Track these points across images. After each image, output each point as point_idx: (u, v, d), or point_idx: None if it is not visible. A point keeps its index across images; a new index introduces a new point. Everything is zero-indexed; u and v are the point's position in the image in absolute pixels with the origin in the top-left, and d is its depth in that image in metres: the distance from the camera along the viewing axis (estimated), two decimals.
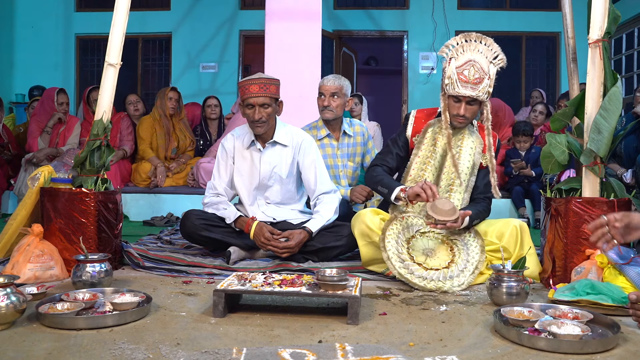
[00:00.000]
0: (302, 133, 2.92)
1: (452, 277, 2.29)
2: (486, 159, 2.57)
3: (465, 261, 2.35)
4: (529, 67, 7.97)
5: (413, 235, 2.44)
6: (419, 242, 2.43)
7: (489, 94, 2.42)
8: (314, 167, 2.85)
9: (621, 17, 2.33)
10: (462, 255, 2.38)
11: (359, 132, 3.38)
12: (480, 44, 2.41)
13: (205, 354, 1.48)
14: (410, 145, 2.63)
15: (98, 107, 2.59)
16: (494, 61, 2.41)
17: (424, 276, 2.28)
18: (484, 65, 2.38)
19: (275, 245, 2.62)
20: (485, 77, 2.37)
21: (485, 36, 2.43)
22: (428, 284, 2.26)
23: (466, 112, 2.43)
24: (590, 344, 1.54)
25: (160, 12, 7.80)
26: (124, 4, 2.57)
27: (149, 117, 5.10)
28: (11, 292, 1.68)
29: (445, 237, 2.45)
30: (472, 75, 2.36)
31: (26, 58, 7.77)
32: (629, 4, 6.66)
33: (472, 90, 2.36)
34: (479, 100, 2.42)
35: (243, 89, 2.67)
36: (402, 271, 2.29)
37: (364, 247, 2.49)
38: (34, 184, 2.54)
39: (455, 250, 2.40)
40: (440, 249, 2.42)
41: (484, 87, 2.37)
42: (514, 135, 4.93)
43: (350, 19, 7.81)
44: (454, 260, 2.36)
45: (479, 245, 2.40)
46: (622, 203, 2.20)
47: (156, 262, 2.64)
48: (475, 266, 2.34)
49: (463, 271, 2.32)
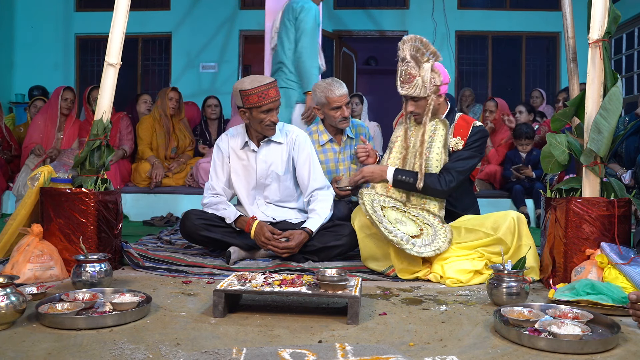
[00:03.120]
0: (295, 129, 2.92)
1: (414, 245, 2.37)
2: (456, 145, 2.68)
3: (430, 241, 2.44)
4: (529, 67, 7.97)
5: (387, 206, 2.56)
6: (392, 213, 2.54)
7: (426, 89, 2.57)
8: (309, 162, 2.86)
9: (621, 17, 2.32)
10: (429, 237, 2.47)
11: (362, 133, 3.37)
12: (414, 43, 2.57)
13: (205, 354, 1.48)
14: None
15: (98, 107, 2.58)
16: (425, 58, 2.55)
17: (390, 230, 2.38)
18: (415, 65, 2.56)
19: (276, 245, 2.63)
20: (417, 74, 2.55)
21: (416, 36, 2.59)
22: (392, 237, 2.35)
23: (414, 108, 2.64)
24: (591, 344, 1.54)
25: (160, 12, 7.80)
26: (124, 4, 2.57)
27: (149, 116, 5.10)
28: (11, 292, 1.68)
29: (418, 219, 2.55)
30: (405, 76, 2.58)
31: (26, 58, 7.77)
32: (629, 4, 6.66)
33: (406, 89, 2.59)
34: (422, 97, 2.59)
35: (259, 95, 2.63)
36: (373, 216, 2.39)
37: (363, 240, 2.54)
38: (33, 184, 2.54)
39: (425, 231, 2.50)
40: (410, 225, 2.51)
41: (416, 85, 2.56)
42: (515, 138, 4.94)
43: (350, 19, 7.81)
44: (420, 236, 2.45)
45: (448, 237, 2.47)
46: (622, 203, 2.19)
47: (156, 262, 2.64)
48: (437, 248, 2.41)
49: (426, 246, 2.40)
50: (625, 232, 2.21)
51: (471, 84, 7.78)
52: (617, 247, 2.11)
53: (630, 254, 2.06)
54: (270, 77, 2.75)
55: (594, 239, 2.18)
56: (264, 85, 2.65)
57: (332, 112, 3.12)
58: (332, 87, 3.09)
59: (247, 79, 2.70)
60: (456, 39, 7.83)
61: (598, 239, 2.17)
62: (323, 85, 3.14)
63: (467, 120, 2.72)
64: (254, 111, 2.68)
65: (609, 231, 2.17)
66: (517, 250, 2.39)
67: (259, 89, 2.64)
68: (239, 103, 2.71)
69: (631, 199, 2.24)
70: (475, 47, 8.00)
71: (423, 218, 2.56)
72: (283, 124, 2.90)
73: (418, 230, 2.49)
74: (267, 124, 2.70)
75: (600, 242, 2.15)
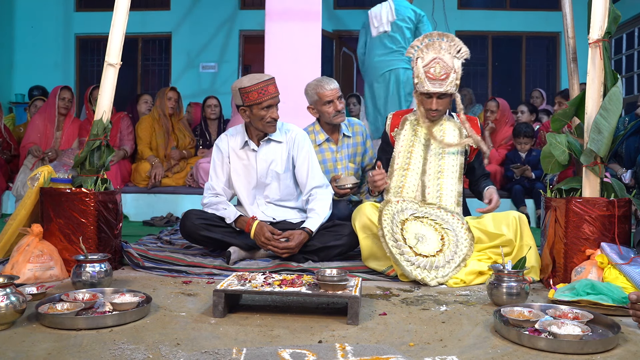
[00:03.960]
0: (294, 127, 2.93)
1: (437, 267, 2.35)
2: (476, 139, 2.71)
3: (453, 253, 2.41)
4: (529, 67, 7.97)
5: (407, 218, 2.51)
6: (412, 226, 2.49)
7: (457, 86, 2.61)
8: (308, 160, 2.86)
9: (621, 17, 2.32)
10: (451, 246, 2.43)
11: (359, 132, 3.36)
12: (443, 41, 2.59)
13: (205, 354, 1.48)
14: (392, 141, 2.80)
15: (98, 107, 2.58)
16: (458, 55, 2.58)
17: (412, 261, 2.35)
18: (449, 61, 2.57)
19: (276, 245, 2.63)
20: (451, 71, 2.56)
21: (446, 33, 2.62)
22: (414, 270, 2.32)
23: (438, 106, 2.63)
24: (591, 344, 1.54)
25: (160, 12, 7.81)
26: (124, 4, 2.57)
27: (148, 116, 5.11)
28: (11, 292, 1.68)
29: (438, 224, 2.51)
30: (439, 72, 2.56)
31: (26, 58, 7.77)
32: (629, 4, 6.66)
33: (440, 86, 2.56)
34: (449, 94, 2.60)
35: (259, 91, 2.65)
36: (393, 250, 2.35)
37: (364, 240, 2.54)
38: (33, 184, 2.54)
39: (446, 239, 2.46)
40: (431, 236, 2.47)
41: (450, 81, 2.57)
42: (515, 137, 4.94)
43: (350, 19, 7.82)
44: (442, 250, 2.42)
45: (468, 238, 2.46)
46: (622, 203, 2.19)
47: (156, 262, 2.64)
48: (462, 259, 2.39)
49: (449, 262, 2.37)
50: (625, 232, 2.21)
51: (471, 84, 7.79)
52: (617, 247, 2.11)
53: (631, 254, 2.06)
54: (269, 74, 2.76)
55: (594, 239, 2.18)
56: (263, 81, 2.66)
57: (325, 108, 3.15)
58: (322, 83, 3.16)
59: (245, 77, 2.72)
60: None
61: (598, 239, 2.17)
62: (313, 83, 3.20)
63: (469, 118, 2.78)
64: (254, 108, 2.69)
65: (609, 231, 2.17)
66: (519, 250, 2.39)
67: (258, 85, 2.65)
68: (239, 102, 2.71)
69: (631, 199, 2.24)
70: (475, 47, 7.99)
71: (442, 222, 2.52)
72: (282, 123, 2.91)
73: (439, 241, 2.45)
74: (268, 120, 2.71)
75: (600, 242, 2.15)
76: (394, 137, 2.77)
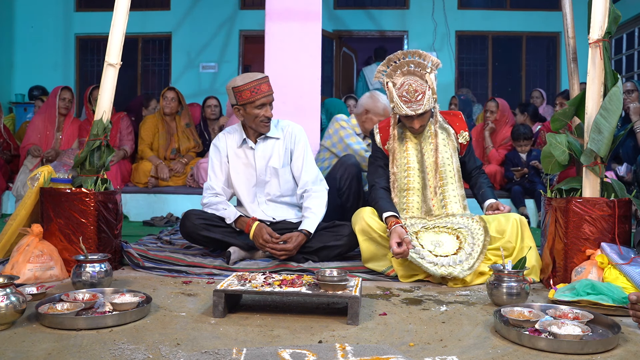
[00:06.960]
0: (291, 123, 2.94)
1: (461, 262, 2.35)
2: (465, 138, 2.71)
3: (472, 244, 2.41)
4: (529, 67, 7.97)
5: (419, 230, 2.50)
6: (426, 235, 2.48)
7: (435, 99, 2.52)
8: (303, 154, 2.87)
9: (621, 17, 2.32)
10: (468, 240, 2.43)
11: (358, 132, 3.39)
12: (410, 59, 2.50)
13: (205, 354, 1.47)
14: (386, 153, 2.72)
15: (98, 107, 2.58)
16: (428, 70, 2.48)
17: (435, 262, 2.34)
18: (421, 80, 2.48)
19: (274, 247, 2.63)
20: (426, 89, 2.47)
21: (410, 50, 2.53)
22: (439, 269, 2.31)
23: (421, 123, 2.56)
24: (591, 345, 1.53)
25: (160, 12, 7.81)
26: (124, 4, 2.57)
27: (152, 116, 5.11)
28: (11, 292, 1.68)
29: (450, 228, 2.50)
30: (414, 94, 2.46)
31: (26, 58, 7.78)
32: (629, 4, 6.66)
33: (419, 107, 2.47)
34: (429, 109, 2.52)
35: (252, 90, 2.66)
36: (414, 255, 2.34)
37: (364, 243, 2.54)
38: (33, 184, 2.54)
39: (461, 237, 2.45)
40: (446, 239, 2.46)
41: (427, 99, 2.47)
42: (514, 139, 4.95)
43: (350, 19, 7.82)
44: (461, 246, 2.42)
45: (481, 227, 2.45)
46: (622, 203, 2.19)
47: (156, 262, 2.63)
48: (481, 248, 2.39)
49: (471, 254, 2.38)
50: (625, 232, 2.21)
51: (471, 84, 7.79)
52: (617, 247, 2.11)
53: (631, 254, 2.06)
54: (262, 73, 2.76)
55: (594, 239, 2.18)
56: (255, 80, 2.67)
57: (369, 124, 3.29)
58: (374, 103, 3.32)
59: (239, 77, 2.73)
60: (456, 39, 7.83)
61: (598, 239, 2.17)
62: None
63: (453, 113, 2.76)
64: (247, 107, 2.70)
65: (609, 231, 2.17)
66: (520, 252, 2.39)
67: (251, 84, 2.66)
68: (233, 101, 2.72)
69: (631, 199, 2.24)
70: (475, 47, 8.01)
71: (453, 224, 2.51)
72: (278, 120, 2.91)
73: (456, 240, 2.45)
74: (262, 119, 2.71)
75: (600, 242, 2.15)
76: (387, 150, 2.69)
